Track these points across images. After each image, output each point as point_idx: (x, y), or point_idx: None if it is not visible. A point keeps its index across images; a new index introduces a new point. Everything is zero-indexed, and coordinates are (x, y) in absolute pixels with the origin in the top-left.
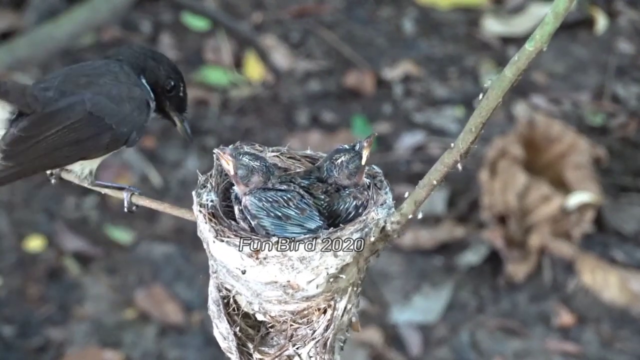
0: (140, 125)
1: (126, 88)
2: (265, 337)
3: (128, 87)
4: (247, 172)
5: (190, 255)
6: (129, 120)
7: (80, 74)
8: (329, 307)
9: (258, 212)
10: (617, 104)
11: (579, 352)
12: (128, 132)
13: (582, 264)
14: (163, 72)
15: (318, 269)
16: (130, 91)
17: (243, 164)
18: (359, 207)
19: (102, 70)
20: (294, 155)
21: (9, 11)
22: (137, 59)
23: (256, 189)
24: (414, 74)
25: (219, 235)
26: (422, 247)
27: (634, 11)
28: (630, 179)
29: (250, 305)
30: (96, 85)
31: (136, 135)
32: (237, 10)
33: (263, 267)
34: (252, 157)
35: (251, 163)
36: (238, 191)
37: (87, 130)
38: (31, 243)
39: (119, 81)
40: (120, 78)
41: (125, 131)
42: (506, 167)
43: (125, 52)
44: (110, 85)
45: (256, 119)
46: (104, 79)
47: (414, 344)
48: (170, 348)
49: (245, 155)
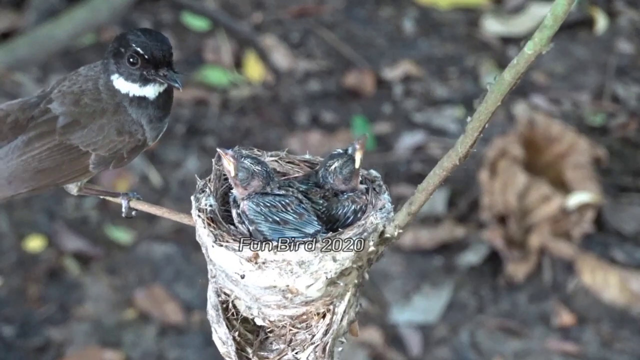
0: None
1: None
2: (264, 341)
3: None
4: (247, 175)
5: (190, 256)
6: (106, 144)
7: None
8: (328, 311)
9: (256, 217)
10: (617, 104)
11: (579, 352)
12: (109, 158)
13: (582, 264)
14: (122, 57)
15: (317, 273)
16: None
17: (244, 167)
18: (357, 211)
19: (88, 87)
20: (293, 160)
21: (9, 11)
22: (109, 62)
23: (254, 194)
24: (414, 74)
25: (217, 239)
26: (422, 247)
27: (634, 11)
28: (630, 179)
29: (249, 310)
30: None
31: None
32: (237, 10)
33: (262, 272)
34: (253, 161)
35: (252, 167)
36: (236, 194)
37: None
38: (31, 243)
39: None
40: (102, 96)
41: (106, 156)
42: (506, 167)
43: (104, 60)
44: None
45: (256, 119)
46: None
47: (414, 344)
48: (170, 348)
49: (247, 158)
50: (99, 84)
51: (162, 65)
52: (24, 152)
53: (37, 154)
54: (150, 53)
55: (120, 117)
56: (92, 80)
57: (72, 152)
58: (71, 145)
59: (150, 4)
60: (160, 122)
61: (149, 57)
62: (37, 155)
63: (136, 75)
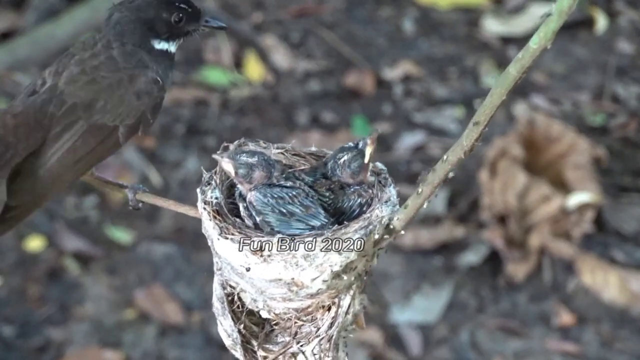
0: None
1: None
2: (270, 334)
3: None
4: (247, 169)
5: (190, 255)
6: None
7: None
8: (333, 304)
9: (263, 208)
10: (617, 104)
11: (579, 352)
12: (136, 124)
13: (582, 264)
14: (160, 19)
15: (322, 266)
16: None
17: (242, 163)
18: (363, 205)
19: (100, 61)
20: (299, 152)
21: (9, 11)
22: (130, 29)
23: (261, 185)
24: (414, 74)
25: (223, 232)
26: (422, 247)
27: (634, 11)
28: (630, 179)
29: (255, 303)
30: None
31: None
32: (237, 10)
33: (267, 265)
34: (249, 154)
35: (249, 160)
36: (243, 190)
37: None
38: (31, 243)
39: (118, 69)
40: (119, 65)
41: (133, 123)
42: (506, 167)
43: (117, 27)
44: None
45: (256, 119)
46: (101, 72)
47: (414, 344)
48: (170, 348)
49: (243, 154)
50: (114, 54)
51: (201, 15)
52: (56, 150)
53: (70, 147)
54: (192, 6)
55: (136, 82)
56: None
57: (102, 131)
58: (100, 124)
59: None
60: (172, 70)
61: (193, 10)
62: (71, 148)
63: (182, 32)
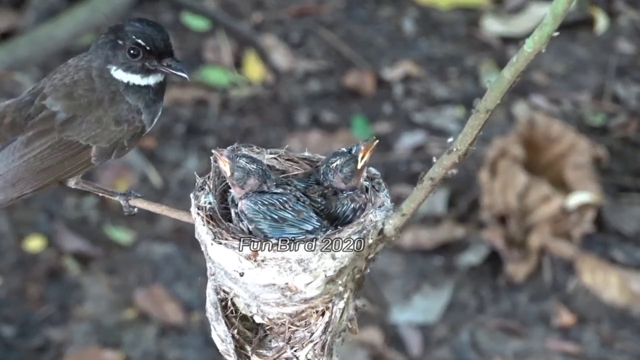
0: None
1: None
2: (264, 339)
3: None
4: (243, 174)
5: (190, 256)
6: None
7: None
8: (327, 309)
9: (255, 216)
10: (617, 104)
11: (579, 352)
12: (111, 148)
13: (582, 264)
14: (120, 49)
15: (316, 271)
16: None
17: (240, 166)
18: (356, 210)
19: (80, 77)
20: (292, 158)
21: (9, 11)
22: (104, 52)
23: (252, 193)
24: (414, 74)
25: (217, 237)
26: (422, 247)
27: (634, 11)
28: (630, 179)
29: (248, 308)
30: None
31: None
32: (237, 10)
33: (261, 270)
34: (249, 160)
35: (248, 166)
36: (234, 194)
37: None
38: (31, 243)
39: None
40: (96, 88)
41: (107, 147)
42: (506, 167)
43: (97, 50)
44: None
45: (256, 119)
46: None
47: (414, 344)
48: (170, 348)
49: (243, 157)
50: (92, 74)
51: (165, 56)
52: (25, 152)
53: (38, 153)
54: (152, 44)
55: (117, 107)
56: (84, 70)
57: (73, 147)
58: (71, 141)
59: (150, 4)
60: (156, 105)
61: (151, 48)
62: (38, 154)
63: (137, 66)
